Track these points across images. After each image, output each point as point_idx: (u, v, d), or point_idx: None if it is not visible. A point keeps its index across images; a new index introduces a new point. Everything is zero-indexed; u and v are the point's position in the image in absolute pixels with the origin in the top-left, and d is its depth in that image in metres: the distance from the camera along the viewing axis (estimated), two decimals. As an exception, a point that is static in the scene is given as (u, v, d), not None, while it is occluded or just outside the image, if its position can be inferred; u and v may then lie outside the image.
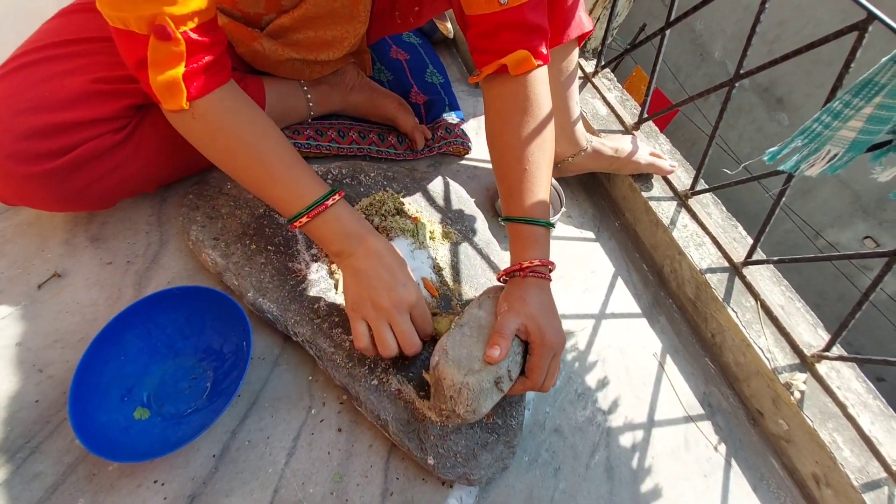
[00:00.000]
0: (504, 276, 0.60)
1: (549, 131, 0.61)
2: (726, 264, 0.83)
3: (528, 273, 0.58)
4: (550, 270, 0.60)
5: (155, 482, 0.50)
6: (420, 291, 0.54)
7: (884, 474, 0.64)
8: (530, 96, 0.60)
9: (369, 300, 0.54)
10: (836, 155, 0.59)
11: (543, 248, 0.60)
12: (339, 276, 0.65)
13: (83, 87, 0.56)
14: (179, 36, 0.47)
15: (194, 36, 0.49)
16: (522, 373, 0.57)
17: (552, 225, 0.63)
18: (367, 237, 0.56)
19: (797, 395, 0.69)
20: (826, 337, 0.75)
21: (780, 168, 0.65)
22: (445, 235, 0.76)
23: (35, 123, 0.53)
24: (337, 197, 0.56)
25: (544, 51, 0.60)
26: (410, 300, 0.55)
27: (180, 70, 0.48)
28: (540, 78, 0.60)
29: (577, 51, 0.80)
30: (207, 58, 0.51)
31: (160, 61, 0.48)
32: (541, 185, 0.61)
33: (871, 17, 0.63)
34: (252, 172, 0.55)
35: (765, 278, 0.82)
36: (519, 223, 0.60)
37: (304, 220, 0.54)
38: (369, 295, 0.54)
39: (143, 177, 0.65)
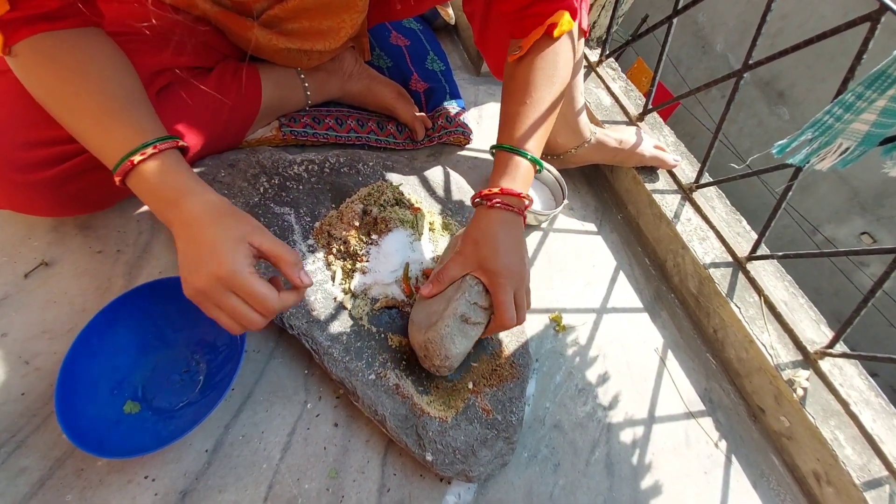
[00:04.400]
0: (477, 199, 0.60)
1: (563, 79, 0.64)
2: (730, 259, 0.82)
3: (496, 202, 0.58)
4: (526, 208, 0.60)
5: (146, 478, 0.49)
6: (238, 266, 0.43)
7: (885, 472, 0.64)
8: (558, 48, 0.64)
9: (186, 282, 0.46)
10: (847, 148, 0.58)
11: (522, 180, 0.60)
12: (336, 267, 0.64)
13: None
14: None
15: None
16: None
17: (540, 165, 0.62)
18: (180, 201, 0.46)
19: (800, 392, 0.68)
20: (829, 333, 0.75)
21: (789, 161, 0.63)
22: (445, 227, 0.74)
23: (32, 134, 0.51)
24: (150, 150, 0.46)
25: (575, 4, 0.64)
26: (221, 274, 0.43)
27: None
28: (567, 39, 0.65)
29: (582, 41, 0.78)
30: (39, 10, 0.46)
31: None
32: (538, 122, 0.62)
33: (884, 7, 0.62)
34: (66, 124, 0.49)
35: (769, 273, 0.81)
36: (504, 150, 0.61)
37: (117, 179, 0.47)
38: (186, 276, 0.46)
39: None
